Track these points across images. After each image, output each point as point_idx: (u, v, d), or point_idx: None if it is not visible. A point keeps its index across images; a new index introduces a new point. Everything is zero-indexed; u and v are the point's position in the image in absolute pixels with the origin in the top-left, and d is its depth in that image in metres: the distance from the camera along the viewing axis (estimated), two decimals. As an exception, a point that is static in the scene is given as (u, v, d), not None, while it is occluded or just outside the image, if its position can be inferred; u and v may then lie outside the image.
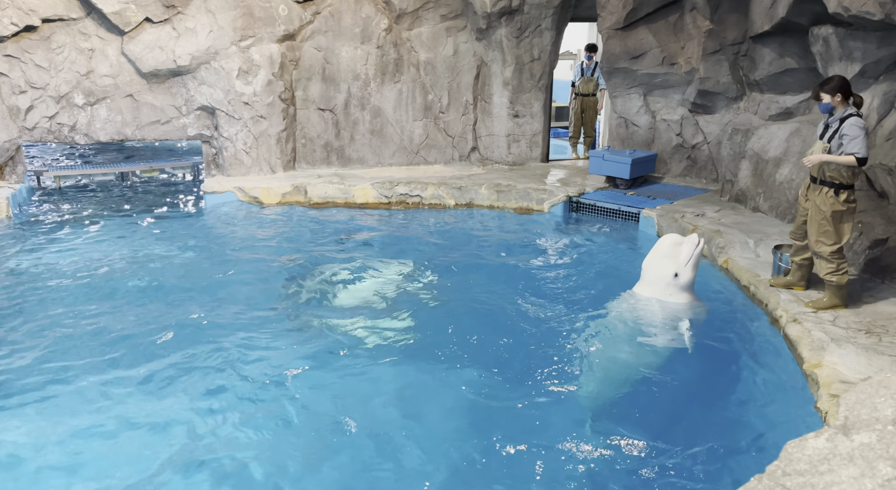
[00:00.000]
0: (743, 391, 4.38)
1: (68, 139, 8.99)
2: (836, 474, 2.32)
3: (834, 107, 4.79)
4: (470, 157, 10.54)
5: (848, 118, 4.71)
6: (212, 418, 3.99)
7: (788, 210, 7.08)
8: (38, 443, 3.73)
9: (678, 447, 3.73)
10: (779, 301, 5.14)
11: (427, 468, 3.57)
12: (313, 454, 3.68)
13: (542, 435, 3.87)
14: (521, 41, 9.89)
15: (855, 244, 5.63)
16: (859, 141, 4.63)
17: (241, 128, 9.37)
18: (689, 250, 5.27)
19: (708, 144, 9.10)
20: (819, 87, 4.80)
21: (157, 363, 4.63)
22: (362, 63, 9.73)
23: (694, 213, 7.52)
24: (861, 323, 4.69)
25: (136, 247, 7.16)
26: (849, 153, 4.66)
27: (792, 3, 6.68)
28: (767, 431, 3.89)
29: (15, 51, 8.42)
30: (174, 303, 5.70)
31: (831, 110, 4.83)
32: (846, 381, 3.88)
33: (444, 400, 4.24)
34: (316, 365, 4.62)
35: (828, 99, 4.77)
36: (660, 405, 4.23)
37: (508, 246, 7.42)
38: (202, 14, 8.90)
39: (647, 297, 5.37)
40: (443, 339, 5.00)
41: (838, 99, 4.75)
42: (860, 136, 4.62)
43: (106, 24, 8.68)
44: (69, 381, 4.39)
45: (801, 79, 7.52)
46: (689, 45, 8.71)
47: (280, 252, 7.12)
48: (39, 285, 6.03)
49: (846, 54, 6.08)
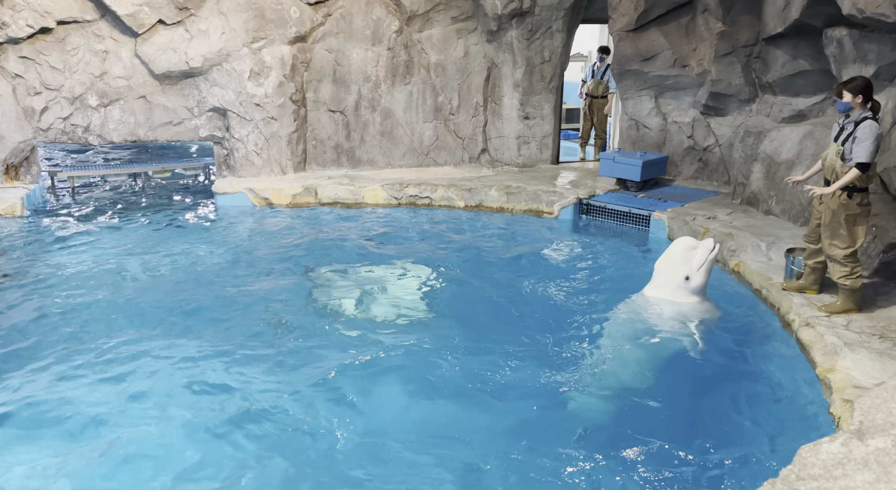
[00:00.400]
0: (755, 395, 4.35)
1: (82, 140, 9.08)
2: (851, 479, 2.31)
3: (852, 108, 4.75)
4: (480, 158, 10.54)
5: (863, 121, 4.67)
6: (224, 415, 4.01)
7: (801, 213, 7.03)
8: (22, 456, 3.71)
9: (690, 451, 3.71)
10: (791, 305, 5.10)
11: (440, 470, 3.57)
12: (328, 459, 3.69)
13: (552, 437, 3.86)
14: (532, 43, 9.89)
15: (869, 248, 5.58)
16: (866, 146, 4.59)
17: (253, 129, 9.43)
18: (702, 255, 5.25)
19: (720, 147, 9.05)
20: (843, 84, 4.76)
21: (166, 364, 4.66)
22: (373, 65, 9.76)
23: (705, 216, 7.48)
24: (875, 327, 4.64)
25: (147, 246, 7.22)
26: (854, 157, 4.64)
27: (805, 5, 6.63)
28: (780, 436, 3.86)
29: (30, 52, 8.52)
30: (184, 303, 5.73)
31: (848, 111, 4.79)
32: (859, 386, 3.85)
33: (453, 401, 4.24)
34: (325, 367, 4.63)
35: (849, 98, 4.72)
36: (671, 409, 4.20)
37: (518, 248, 7.41)
38: (214, 16, 8.96)
39: (658, 299, 5.35)
40: (452, 341, 5.00)
41: (858, 100, 4.71)
42: (868, 140, 4.58)
43: (120, 27, 8.76)
44: (79, 382, 4.42)
45: (814, 81, 7.47)
46: (701, 46, 8.68)
47: (290, 253, 7.15)
48: (52, 284, 6.08)
49: (860, 56, 6.03)
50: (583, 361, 4.71)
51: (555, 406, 4.18)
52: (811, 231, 5.16)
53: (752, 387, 4.44)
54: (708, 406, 4.25)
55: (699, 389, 4.44)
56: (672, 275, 5.30)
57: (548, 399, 4.24)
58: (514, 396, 4.27)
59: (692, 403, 4.28)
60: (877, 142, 4.61)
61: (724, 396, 4.35)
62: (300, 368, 4.59)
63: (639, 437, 3.85)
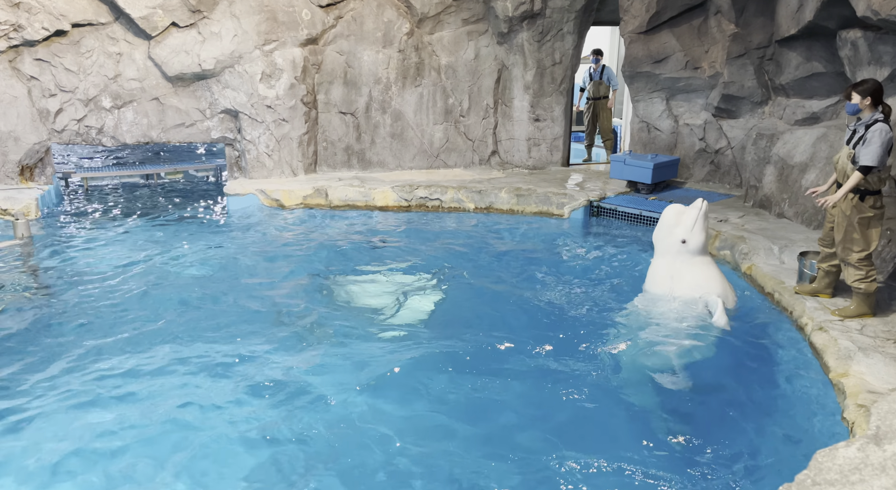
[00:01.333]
0: (767, 399, 4.32)
1: (95, 141, 9.15)
2: (868, 484, 2.28)
3: (861, 109, 4.72)
4: (490, 160, 10.54)
5: (874, 124, 4.64)
6: (231, 419, 4.03)
7: (814, 216, 6.98)
8: (38, 448, 3.74)
9: (703, 455, 3.69)
10: (804, 309, 5.06)
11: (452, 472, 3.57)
12: (338, 461, 3.70)
13: (562, 438, 3.85)
14: (543, 45, 9.88)
15: (883, 251, 5.53)
16: (873, 149, 4.55)
17: (264, 131, 9.48)
18: (692, 214, 5.44)
19: (732, 149, 9.00)
20: (853, 86, 4.73)
21: (177, 365, 4.69)
22: (384, 67, 9.78)
23: (717, 219, 7.44)
24: (889, 332, 4.60)
25: (158, 247, 7.27)
26: (860, 160, 4.61)
27: (819, 7, 6.58)
28: (793, 440, 3.83)
29: (45, 55, 8.60)
30: (195, 304, 5.77)
31: (857, 113, 4.76)
32: (874, 391, 3.81)
33: (464, 402, 4.24)
34: (333, 369, 4.65)
35: (857, 100, 4.69)
36: (684, 412, 4.18)
37: (528, 250, 7.40)
38: (227, 19, 9.02)
39: (663, 294, 5.38)
40: (461, 343, 5.00)
41: (867, 102, 4.68)
42: (876, 144, 4.55)
43: (133, 29, 8.83)
44: (88, 383, 4.46)
45: (828, 83, 7.41)
46: (714, 49, 8.64)
47: (300, 254, 7.18)
48: (64, 285, 6.14)
49: (875, 59, 5.98)
50: (592, 363, 4.69)
51: (565, 407, 4.17)
52: (825, 234, 5.12)
53: (765, 391, 4.41)
54: (720, 410, 4.22)
55: (711, 393, 4.42)
56: (669, 241, 5.49)
57: (555, 400, 4.22)
58: (522, 396, 4.27)
59: (704, 407, 4.25)
60: (886, 145, 4.57)
61: (736, 400, 4.32)
62: (308, 370, 4.60)
63: (651, 440, 3.83)
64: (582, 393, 4.31)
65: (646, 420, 4.08)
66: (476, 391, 4.36)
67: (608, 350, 4.87)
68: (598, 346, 4.95)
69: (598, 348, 4.91)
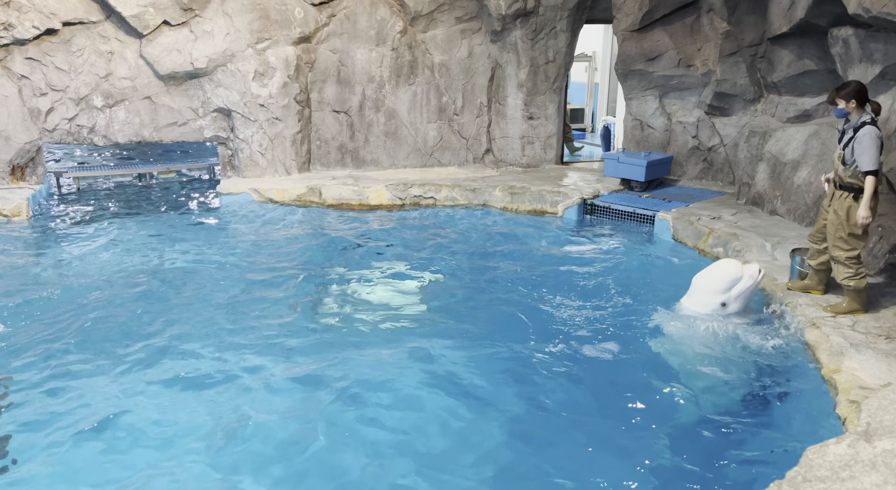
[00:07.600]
0: (759, 396, 4.34)
1: (87, 141, 9.10)
2: (859, 481, 2.30)
3: (849, 112, 4.75)
4: (484, 159, 10.53)
5: (862, 127, 4.67)
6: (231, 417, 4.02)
7: (807, 213, 7.01)
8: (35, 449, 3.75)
9: (695, 452, 3.70)
10: (797, 305, 5.08)
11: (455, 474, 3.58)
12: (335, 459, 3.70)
13: (559, 438, 3.85)
14: (536, 43, 9.88)
15: (875, 248, 5.56)
16: (868, 155, 4.59)
17: (257, 129, 9.44)
18: (744, 284, 5.13)
19: (724, 147, 9.03)
20: (835, 91, 4.77)
21: (172, 363, 4.68)
22: (377, 65, 9.76)
23: (710, 216, 7.47)
24: (881, 328, 4.62)
25: (151, 247, 7.23)
26: (859, 167, 4.65)
27: (811, 5, 6.61)
28: (785, 437, 3.85)
29: (36, 54, 8.55)
30: (188, 303, 5.74)
31: (846, 116, 4.79)
32: (866, 386, 3.83)
33: (455, 399, 4.24)
34: (328, 367, 4.64)
35: (843, 105, 4.72)
36: (673, 408, 4.19)
37: (522, 249, 7.40)
38: (219, 17, 8.98)
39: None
40: (454, 341, 5.00)
41: (853, 105, 4.71)
42: (869, 147, 4.59)
43: (125, 28, 8.78)
44: (83, 382, 4.44)
45: (820, 81, 7.44)
46: (706, 46, 8.65)
47: (295, 253, 7.16)
48: (57, 284, 6.10)
49: (866, 56, 6.00)
50: (586, 360, 4.70)
51: (557, 405, 4.17)
52: (817, 231, 5.15)
53: (757, 388, 4.42)
54: (712, 407, 4.23)
55: (703, 390, 4.43)
56: (708, 300, 5.17)
57: (550, 399, 4.23)
58: (514, 395, 4.27)
59: (696, 404, 4.26)
60: (878, 147, 4.61)
61: (728, 397, 4.34)
62: (303, 368, 4.60)
63: (642, 437, 3.84)
64: (574, 388, 4.32)
65: (636, 416, 4.09)
66: (470, 390, 4.36)
67: (602, 347, 4.88)
68: (591, 343, 4.96)
69: (591, 345, 4.91)
